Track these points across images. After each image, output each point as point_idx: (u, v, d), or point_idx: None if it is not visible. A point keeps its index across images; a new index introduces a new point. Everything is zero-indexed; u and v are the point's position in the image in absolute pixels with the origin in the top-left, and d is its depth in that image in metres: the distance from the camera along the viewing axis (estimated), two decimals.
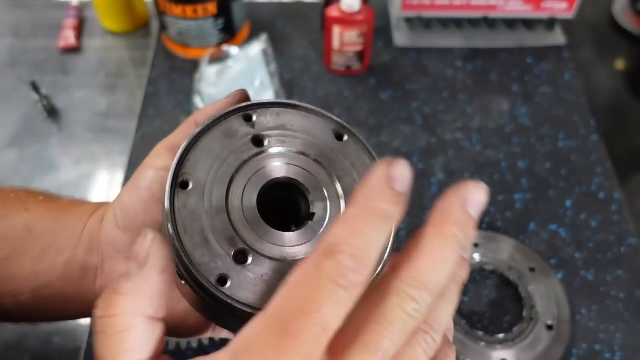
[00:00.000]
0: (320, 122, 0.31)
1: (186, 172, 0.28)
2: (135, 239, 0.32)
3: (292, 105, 0.31)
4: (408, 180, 0.24)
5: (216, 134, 0.29)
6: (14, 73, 0.83)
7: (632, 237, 0.65)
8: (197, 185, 0.28)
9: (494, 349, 0.55)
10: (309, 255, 0.21)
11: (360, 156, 0.31)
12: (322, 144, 0.31)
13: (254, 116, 0.30)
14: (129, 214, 0.34)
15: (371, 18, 0.75)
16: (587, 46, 0.90)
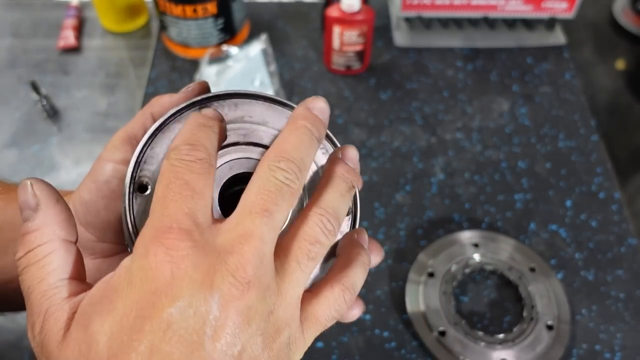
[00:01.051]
0: (280, 111, 0.30)
1: (144, 175, 0.28)
2: (100, 237, 0.33)
3: (250, 95, 0.30)
4: (325, 109, 0.30)
5: (173, 129, 0.28)
6: (13, 73, 0.83)
7: (632, 237, 0.65)
8: (154, 187, 0.27)
9: (494, 349, 0.55)
10: (260, 165, 0.26)
11: (325, 147, 0.31)
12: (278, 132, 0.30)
13: (209, 106, 0.29)
14: (89, 210, 0.33)
15: (371, 18, 0.75)
16: (587, 46, 0.90)
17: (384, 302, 0.60)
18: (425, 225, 0.66)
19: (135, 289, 0.22)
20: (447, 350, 0.55)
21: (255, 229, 0.24)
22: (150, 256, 0.22)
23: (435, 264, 0.61)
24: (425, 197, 0.68)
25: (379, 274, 0.62)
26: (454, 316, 0.57)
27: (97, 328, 0.22)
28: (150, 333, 0.21)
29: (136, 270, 0.23)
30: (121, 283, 0.23)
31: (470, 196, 0.69)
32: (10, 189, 0.38)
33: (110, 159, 0.32)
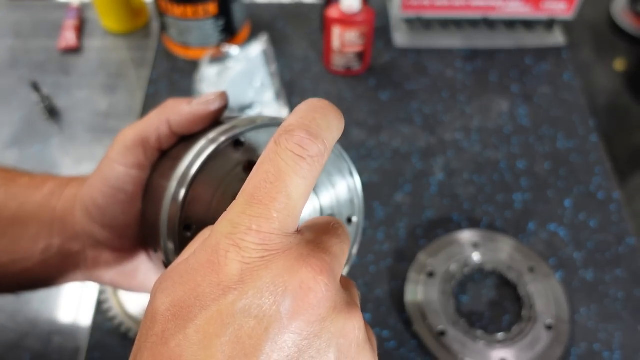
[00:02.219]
0: None
1: (188, 215, 0.29)
2: (118, 235, 0.33)
3: (276, 122, 0.31)
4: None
5: (210, 168, 0.29)
6: (14, 73, 0.83)
7: (631, 237, 0.65)
8: (198, 226, 0.29)
9: (493, 349, 0.55)
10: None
11: (337, 164, 0.33)
12: None
13: (243, 140, 0.30)
14: (106, 214, 0.33)
15: (371, 19, 0.75)
16: (586, 47, 0.90)
17: (383, 302, 0.60)
18: (425, 225, 0.66)
19: (201, 277, 0.21)
20: (446, 350, 0.55)
21: (329, 259, 0.22)
22: (221, 252, 0.21)
23: (435, 264, 0.61)
24: (424, 197, 0.69)
25: (378, 273, 0.62)
26: (454, 315, 0.57)
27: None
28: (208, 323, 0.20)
29: (203, 261, 0.21)
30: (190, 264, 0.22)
31: (470, 196, 0.69)
32: (12, 180, 0.37)
33: (122, 162, 0.32)
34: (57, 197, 0.35)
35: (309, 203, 0.32)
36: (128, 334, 0.56)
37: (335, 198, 0.34)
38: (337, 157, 0.34)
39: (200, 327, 0.20)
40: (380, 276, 0.62)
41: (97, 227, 0.34)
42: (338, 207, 0.34)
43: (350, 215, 0.35)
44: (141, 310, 0.57)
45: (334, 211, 0.34)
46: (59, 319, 0.59)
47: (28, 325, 0.59)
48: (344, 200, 0.34)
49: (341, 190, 0.34)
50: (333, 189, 0.34)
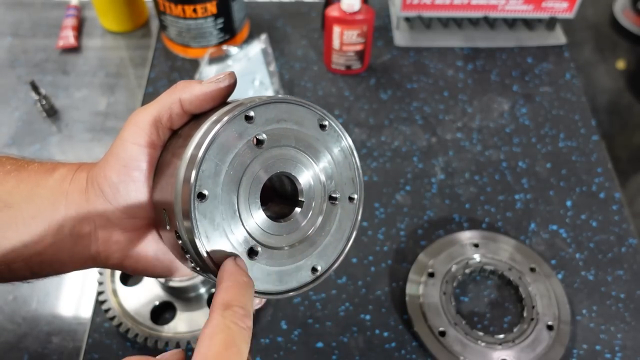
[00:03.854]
0: (309, 113, 0.35)
1: (202, 184, 0.30)
2: (130, 214, 0.34)
3: (286, 100, 0.33)
4: (244, 266, 0.32)
5: (222, 139, 0.31)
6: (13, 73, 0.83)
7: (633, 237, 0.65)
8: (212, 194, 0.31)
9: (495, 349, 0.55)
10: (212, 312, 0.29)
11: (338, 143, 0.36)
12: (309, 135, 0.35)
13: (254, 114, 0.32)
14: (119, 192, 0.34)
15: (371, 18, 0.75)
16: (587, 46, 0.90)
17: (384, 303, 0.60)
18: (426, 225, 0.66)
19: None
20: (447, 351, 0.55)
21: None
22: None
23: (436, 264, 0.61)
24: (425, 197, 0.68)
25: (379, 274, 0.62)
26: (454, 316, 0.57)
27: None
28: None
29: None
30: None
31: (471, 196, 0.69)
32: (20, 167, 0.38)
33: (135, 141, 0.33)
34: (68, 181, 0.36)
35: (314, 179, 0.35)
36: (127, 334, 0.55)
37: (337, 176, 0.36)
38: (339, 137, 0.36)
39: None
40: (381, 277, 0.62)
41: (109, 206, 0.34)
42: (340, 185, 0.36)
43: (352, 193, 0.37)
44: (140, 310, 0.57)
45: (336, 188, 0.36)
46: (58, 319, 0.59)
47: (27, 325, 0.58)
48: (346, 179, 0.36)
49: (343, 169, 0.36)
50: (336, 167, 0.36)
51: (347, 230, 0.37)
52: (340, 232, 0.36)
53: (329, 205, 0.36)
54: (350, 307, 0.60)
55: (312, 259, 0.35)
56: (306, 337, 0.58)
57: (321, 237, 0.36)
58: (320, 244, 0.36)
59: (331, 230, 0.36)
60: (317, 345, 0.57)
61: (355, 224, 0.37)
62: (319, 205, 0.35)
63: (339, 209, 0.36)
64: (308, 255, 0.35)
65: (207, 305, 0.57)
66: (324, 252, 0.36)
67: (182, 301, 0.58)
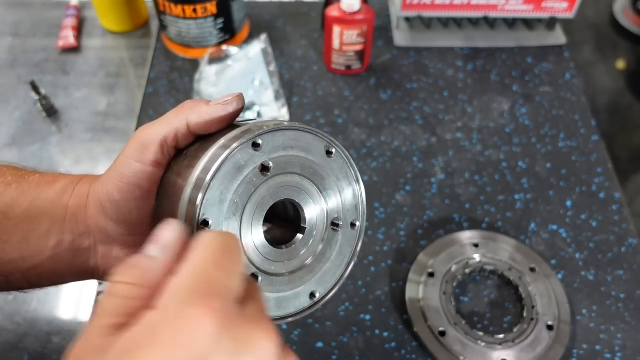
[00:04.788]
0: (316, 140, 0.35)
1: (205, 212, 0.30)
2: (131, 231, 0.33)
3: (294, 128, 0.33)
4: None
5: (228, 167, 0.31)
6: (13, 73, 0.83)
7: (633, 237, 0.65)
8: (215, 222, 0.31)
9: (495, 349, 0.55)
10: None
11: (344, 170, 0.36)
12: (315, 162, 0.35)
13: (261, 142, 0.32)
14: (121, 209, 0.34)
15: (371, 17, 0.75)
16: (587, 46, 0.90)
17: (384, 303, 0.60)
18: (426, 225, 0.66)
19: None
20: (447, 351, 0.55)
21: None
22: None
23: (436, 264, 0.61)
24: (425, 197, 0.68)
25: (379, 274, 0.62)
26: (454, 316, 0.57)
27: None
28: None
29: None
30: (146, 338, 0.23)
31: (471, 196, 0.69)
32: (23, 178, 0.37)
33: (138, 159, 0.33)
34: (69, 194, 0.36)
35: (318, 207, 0.35)
36: None
37: (341, 203, 0.36)
38: (345, 164, 0.36)
39: None
40: (381, 277, 0.62)
41: (110, 223, 0.34)
42: (343, 212, 0.36)
43: (354, 220, 0.37)
44: None
45: (339, 215, 0.36)
46: (58, 319, 0.59)
47: (27, 325, 0.58)
48: (349, 205, 0.36)
49: (347, 196, 0.36)
50: (340, 194, 0.36)
51: (347, 256, 0.37)
52: (341, 258, 0.36)
53: (331, 231, 0.36)
54: (350, 307, 0.60)
55: (311, 285, 0.35)
56: (306, 337, 0.58)
57: (321, 264, 0.36)
58: (320, 270, 0.36)
59: (332, 257, 0.36)
60: (317, 345, 0.57)
61: (355, 250, 0.37)
62: (321, 232, 0.35)
63: (340, 235, 0.36)
64: (307, 281, 0.35)
65: None
66: (323, 278, 0.36)
67: None
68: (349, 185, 0.36)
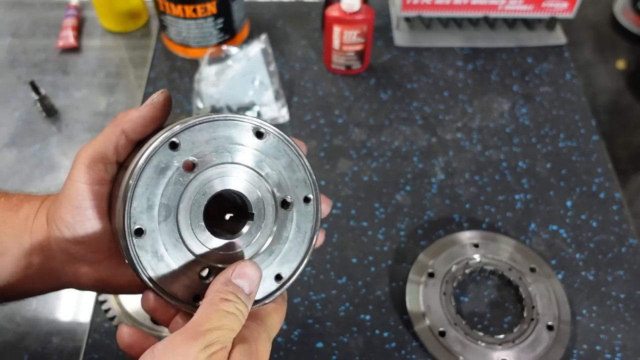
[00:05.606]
0: (240, 126, 0.34)
1: (135, 221, 0.31)
2: (91, 249, 0.35)
3: (209, 119, 0.33)
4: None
5: (149, 173, 0.31)
6: (13, 73, 0.83)
7: (633, 238, 0.65)
8: (149, 228, 0.31)
9: (495, 350, 0.55)
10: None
11: (281, 147, 0.35)
12: (245, 147, 0.34)
13: (179, 140, 0.32)
14: (77, 231, 0.34)
15: (371, 17, 0.75)
16: (587, 46, 0.90)
17: (384, 303, 0.60)
18: (426, 225, 0.66)
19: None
20: (447, 351, 0.55)
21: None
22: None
23: (436, 265, 0.61)
24: (425, 197, 0.68)
25: (379, 274, 0.62)
26: (454, 316, 0.57)
27: None
28: None
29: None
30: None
31: (471, 196, 0.69)
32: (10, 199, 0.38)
33: (83, 180, 0.33)
34: (31, 220, 0.37)
35: (261, 190, 0.35)
36: None
37: (286, 181, 0.35)
38: (280, 142, 0.35)
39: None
40: (381, 277, 0.62)
41: (69, 244, 0.35)
42: (292, 189, 0.36)
43: (307, 194, 0.36)
44: (140, 310, 0.57)
45: (287, 193, 0.35)
46: (57, 319, 0.59)
47: (27, 325, 0.58)
48: (297, 182, 0.36)
49: (291, 173, 0.36)
50: (282, 172, 0.35)
51: (308, 232, 0.36)
52: (300, 235, 0.36)
53: (283, 211, 0.35)
54: (350, 307, 0.60)
55: (274, 267, 0.36)
56: (306, 337, 0.58)
57: (280, 245, 0.36)
58: (280, 251, 0.36)
59: (289, 236, 0.36)
60: (317, 345, 0.57)
61: (315, 224, 0.37)
62: (272, 214, 0.35)
63: (294, 213, 0.36)
64: (269, 264, 0.35)
65: None
66: (286, 258, 0.36)
67: None
68: (292, 162, 0.35)
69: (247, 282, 0.32)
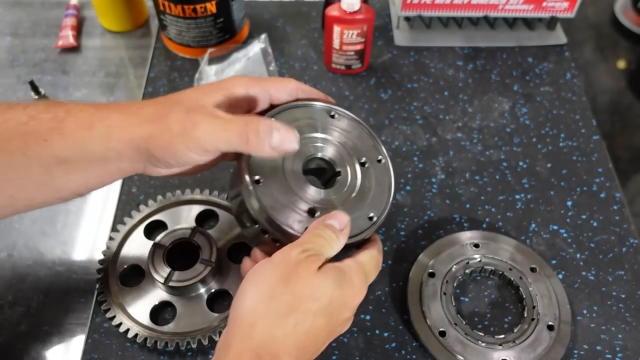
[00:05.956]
0: (316, 109, 0.49)
1: (254, 173, 0.44)
2: (210, 157, 0.44)
3: (294, 105, 0.47)
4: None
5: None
6: (12, 72, 0.83)
7: (633, 238, 0.65)
8: (265, 177, 0.44)
9: (495, 350, 0.55)
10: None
11: (351, 124, 0.50)
12: (324, 125, 0.48)
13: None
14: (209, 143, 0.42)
15: (371, 17, 0.75)
16: (588, 45, 0.90)
17: (384, 303, 0.60)
18: (426, 225, 0.66)
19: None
20: (447, 351, 0.55)
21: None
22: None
23: (436, 264, 0.61)
24: (425, 197, 0.68)
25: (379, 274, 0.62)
26: (455, 317, 0.57)
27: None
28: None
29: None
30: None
31: (471, 196, 0.68)
32: (61, 125, 0.43)
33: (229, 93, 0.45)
34: (114, 140, 0.43)
35: (342, 154, 0.48)
36: (127, 334, 0.55)
37: (360, 147, 0.49)
38: (349, 120, 0.49)
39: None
40: (381, 277, 0.61)
41: (191, 154, 0.42)
42: (366, 153, 0.49)
43: (378, 157, 0.49)
44: (140, 310, 0.57)
45: (362, 156, 0.48)
46: (57, 319, 0.59)
47: (27, 325, 0.58)
48: (368, 147, 0.49)
49: (362, 142, 0.49)
50: (355, 142, 0.49)
51: (387, 183, 0.49)
52: (381, 186, 0.48)
53: (362, 169, 0.48)
54: None
55: (365, 210, 0.47)
56: None
57: (366, 193, 0.47)
58: (367, 198, 0.47)
59: (372, 186, 0.48)
60: None
61: (391, 176, 0.49)
62: (354, 170, 0.48)
63: (371, 170, 0.48)
64: (360, 207, 0.46)
65: (207, 306, 0.57)
66: (373, 204, 0.47)
67: (182, 301, 0.58)
68: (360, 134, 0.49)
69: (337, 221, 0.43)
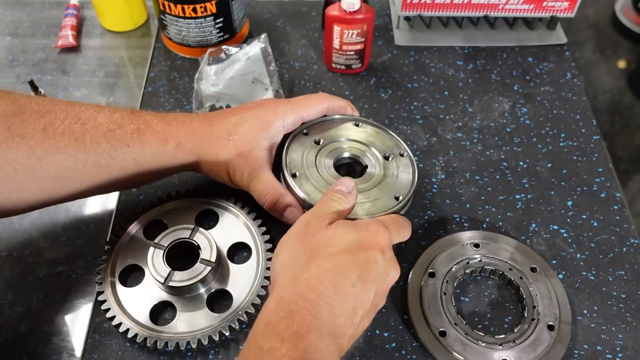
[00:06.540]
0: (343, 120, 0.63)
1: (290, 167, 0.57)
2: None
3: (323, 119, 0.62)
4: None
5: (293, 146, 0.60)
6: (12, 72, 0.83)
7: (634, 238, 0.65)
8: (300, 172, 0.57)
9: (495, 350, 0.55)
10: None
11: (374, 130, 0.64)
12: (351, 132, 0.63)
13: (307, 131, 0.61)
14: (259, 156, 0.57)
15: (371, 17, 0.75)
16: (588, 45, 0.90)
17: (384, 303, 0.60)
18: (426, 225, 0.66)
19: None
20: (447, 351, 0.55)
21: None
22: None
23: (436, 264, 0.60)
24: (425, 197, 0.68)
25: None
26: (455, 317, 0.57)
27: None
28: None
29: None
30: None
31: (471, 196, 0.68)
32: (142, 134, 0.56)
33: (282, 124, 0.59)
34: (180, 154, 0.57)
35: (368, 153, 0.61)
36: (127, 334, 0.55)
37: (384, 145, 0.62)
38: (373, 127, 0.64)
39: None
40: None
41: (236, 159, 0.57)
42: (389, 150, 0.62)
43: (401, 152, 0.62)
44: (140, 310, 0.57)
45: (387, 151, 0.61)
46: (57, 319, 0.59)
47: (26, 325, 0.58)
48: (391, 145, 0.63)
49: (385, 141, 0.63)
50: (379, 142, 0.63)
51: (410, 171, 0.60)
52: (405, 173, 0.60)
53: (386, 162, 0.60)
54: None
55: (392, 191, 0.58)
56: None
57: (391, 179, 0.59)
58: (393, 183, 0.59)
59: (397, 174, 0.59)
60: None
61: (414, 165, 0.61)
62: (379, 163, 0.60)
63: (394, 162, 0.61)
64: (388, 190, 0.58)
65: (207, 306, 0.57)
66: (399, 186, 0.59)
67: (182, 301, 0.58)
68: (383, 137, 0.63)
69: (344, 186, 0.52)
